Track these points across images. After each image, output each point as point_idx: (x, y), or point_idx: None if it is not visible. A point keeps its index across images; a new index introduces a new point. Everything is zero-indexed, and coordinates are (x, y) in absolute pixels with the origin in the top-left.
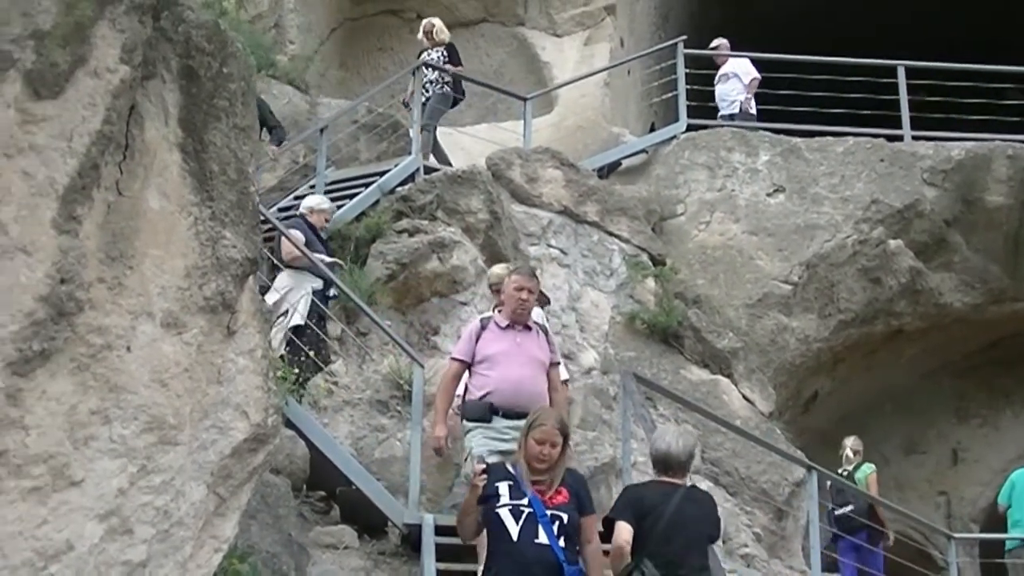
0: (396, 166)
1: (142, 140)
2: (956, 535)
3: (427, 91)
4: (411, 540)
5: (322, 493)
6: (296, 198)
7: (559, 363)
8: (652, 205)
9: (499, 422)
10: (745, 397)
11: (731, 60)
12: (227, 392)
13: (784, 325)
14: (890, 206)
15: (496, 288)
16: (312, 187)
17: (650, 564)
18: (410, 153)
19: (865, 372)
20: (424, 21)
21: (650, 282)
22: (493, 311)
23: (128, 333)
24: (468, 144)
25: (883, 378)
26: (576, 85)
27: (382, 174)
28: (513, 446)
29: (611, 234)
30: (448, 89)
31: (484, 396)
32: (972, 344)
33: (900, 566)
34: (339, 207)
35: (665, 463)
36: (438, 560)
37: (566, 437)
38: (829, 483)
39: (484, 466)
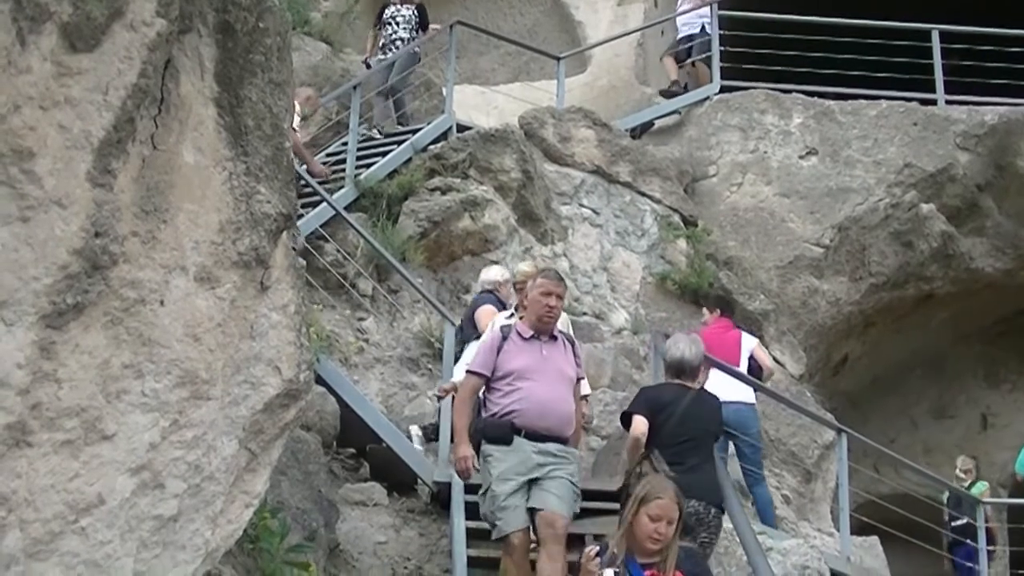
0: (429, 124)
1: (177, 94)
2: (985, 500)
3: (395, 47)
4: (440, 498)
5: (352, 450)
6: (328, 155)
7: (583, 378)
8: (684, 166)
9: (522, 444)
10: (775, 359)
11: None
12: (260, 347)
13: (815, 288)
14: (923, 170)
15: (521, 287)
16: (344, 144)
17: (659, 454)
18: (443, 112)
19: (896, 336)
20: None
21: (681, 243)
22: (515, 311)
23: (161, 287)
24: (501, 103)
25: (913, 342)
26: (610, 45)
27: (415, 132)
28: (537, 474)
29: (643, 194)
30: (417, 49)
31: (506, 415)
32: (1003, 309)
33: (929, 530)
34: (371, 164)
35: (679, 368)
36: (467, 518)
37: (681, 511)
38: (947, 494)
39: (597, 548)
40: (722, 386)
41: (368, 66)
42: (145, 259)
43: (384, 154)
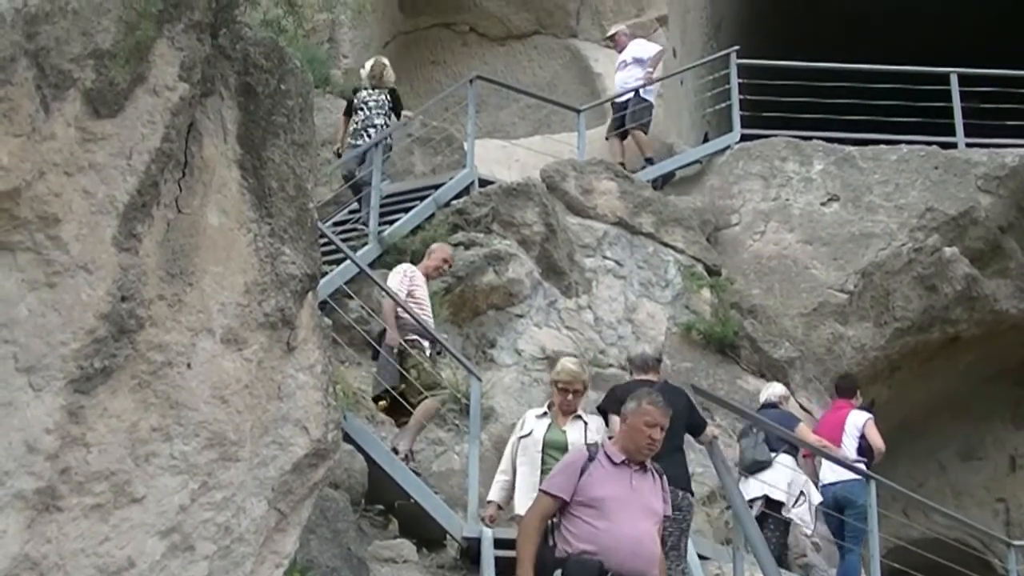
0: (451, 179)
1: (201, 157)
2: (1015, 542)
3: (368, 134)
4: (470, 553)
5: (381, 507)
6: (350, 212)
7: (669, 515)
8: (707, 215)
9: None
10: (802, 406)
11: (630, 46)
12: (287, 408)
13: (840, 334)
14: (945, 213)
15: (563, 387)
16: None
17: None
18: (464, 166)
19: (922, 380)
20: (375, 60)
21: (706, 292)
22: (548, 408)
23: (188, 350)
24: (522, 156)
25: (940, 385)
26: None
27: (437, 187)
28: None
29: (666, 245)
30: (389, 139)
31: (589, 552)
32: None
33: (959, 574)
34: (394, 221)
35: (643, 363)
36: (497, 574)
37: None
38: None
39: None
40: (827, 468)
41: (339, 155)
42: (172, 322)
43: (407, 210)
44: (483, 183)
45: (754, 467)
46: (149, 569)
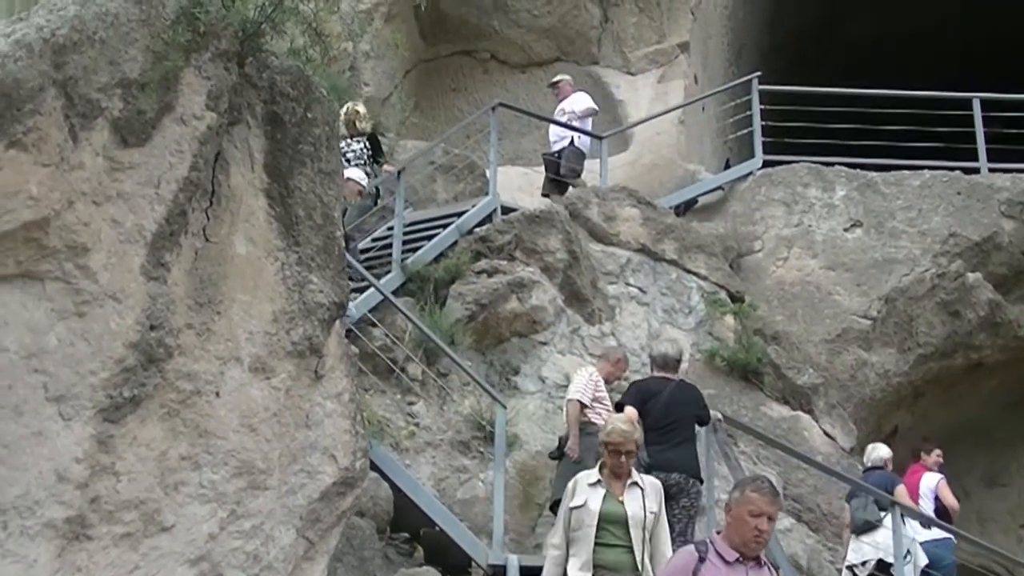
0: (474, 206)
1: (228, 186)
2: None
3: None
4: None
5: (406, 534)
6: (374, 240)
7: None
8: (729, 242)
9: None
10: (826, 433)
11: (570, 97)
12: (315, 436)
13: (864, 360)
14: (968, 239)
15: (614, 448)
16: (390, 229)
17: (641, 440)
18: (487, 194)
19: (945, 405)
20: (348, 106)
21: (729, 319)
22: (600, 472)
23: (217, 378)
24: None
25: (963, 411)
26: (651, 123)
27: (460, 214)
28: None
29: (689, 271)
30: (371, 191)
31: None
32: None
33: None
34: (417, 248)
35: (664, 361)
36: None
37: None
38: None
39: None
40: (914, 528)
41: None
42: (200, 351)
43: (430, 238)
44: (506, 210)
45: (864, 527)
46: None
